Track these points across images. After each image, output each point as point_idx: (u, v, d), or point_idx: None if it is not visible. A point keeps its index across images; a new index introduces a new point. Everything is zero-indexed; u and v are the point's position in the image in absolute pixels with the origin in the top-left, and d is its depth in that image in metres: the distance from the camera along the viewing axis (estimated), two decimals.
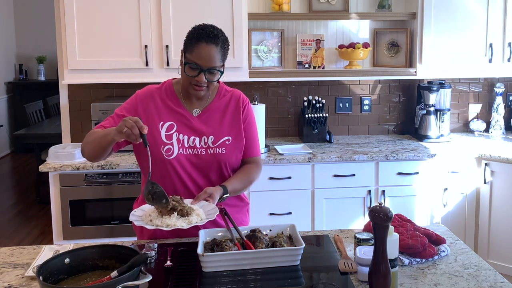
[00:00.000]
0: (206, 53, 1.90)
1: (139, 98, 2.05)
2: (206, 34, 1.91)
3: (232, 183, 2.00)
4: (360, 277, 1.62)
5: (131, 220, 1.79)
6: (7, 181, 6.71)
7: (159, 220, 1.74)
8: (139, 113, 2.00)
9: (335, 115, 3.93)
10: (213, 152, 2.01)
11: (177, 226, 1.72)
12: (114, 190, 3.20)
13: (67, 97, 3.71)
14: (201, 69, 1.91)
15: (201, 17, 3.30)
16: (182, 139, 2.00)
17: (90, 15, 3.28)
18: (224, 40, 1.96)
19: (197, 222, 1.74)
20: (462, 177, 3.41)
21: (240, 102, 2.10)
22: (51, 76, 8.10)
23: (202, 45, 1.90)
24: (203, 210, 1.82)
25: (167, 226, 1.73)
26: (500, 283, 1.61)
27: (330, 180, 3.32)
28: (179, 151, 1.99)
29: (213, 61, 1.91)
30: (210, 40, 1.90)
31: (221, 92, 2.10)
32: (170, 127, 2.01)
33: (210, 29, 1.93)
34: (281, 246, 1.74)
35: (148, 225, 1.74)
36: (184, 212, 1.76)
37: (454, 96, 3.97)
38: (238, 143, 2.06)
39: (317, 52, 3.68)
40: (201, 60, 1.90)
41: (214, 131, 2.03)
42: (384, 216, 1.44)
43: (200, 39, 1.90)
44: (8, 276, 1.69)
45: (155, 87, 2.08)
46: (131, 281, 1.41)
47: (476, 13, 3.54)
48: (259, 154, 2.16)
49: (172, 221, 1.73)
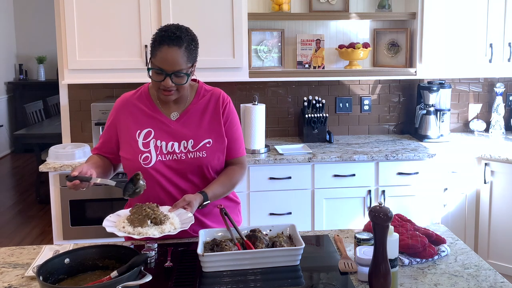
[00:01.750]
0: (169, 56, 1.82)
1: (117, 110, 2.03)
2: (167, 36, 1.83)
3: (213, 189, 1.96)
4: (360, 277, 1.62)
5: (103, 226, 1.76)
6: (7, 181, 6.71)
7: (131, 227, 1.72)
8: (118, 126, 2.00)
9: (335, 115, 3.93)
10: (194, 156, 1.96)
11: (148, 234, 1.70)
12: (114, 190, 3.20)
13: (67, 97, 3.71)
14: (166, 73, 1.84)
15: (201, 17, 3.32)
16: (160, 145, 1.95)
17: (90, 15, 3.28)
18: (190, 40, 1.87)
19: (169, 231, 1.72)
20: (462, 177, 3.41)
21: (220, 102, 2.04)
22: (51, 76, 8.10)
23: (164, 49, 1.82)
24: (179, 218, 1.80)
25: (138, 234, 1.70)
26: (500, 283, 1.61)
27: (330, 180, 3.32)
28: (157, 158, 1.95)
29: (177, 64, 1.84)
30: (172, 42, 1.82)
31: (200, 93, 2.04)
32: (148, 134, 1.96)
33: (172, 31, 1.85)
34: (281, 246, 1.74)
35: (120, 232, 1.71)
36: (157, 220, 1.74)
37: (454, 96, 3.97)
38: (219, 145, 2.01)
39: (317, 52, 3.68)
40: (165, 64, 1.83)
41: (193, 135, 1.98)
42: (384, 216, 1.44)
43: (162, 42, 1.83)
44: (8, 276, 1.69)
45: (130, 94, 2.05)
46: (131, 281, 1.41)
47: (476, 13, 3.54)
48: (244, 154, 2.11)
49: (144, 229, 1.71)
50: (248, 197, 3.28)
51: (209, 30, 3.32)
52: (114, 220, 1.81)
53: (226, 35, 3.34)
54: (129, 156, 1.98)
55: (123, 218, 1.80)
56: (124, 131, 1.99)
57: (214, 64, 3.36)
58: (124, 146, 2.00)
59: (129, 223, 1.74)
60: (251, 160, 3.21)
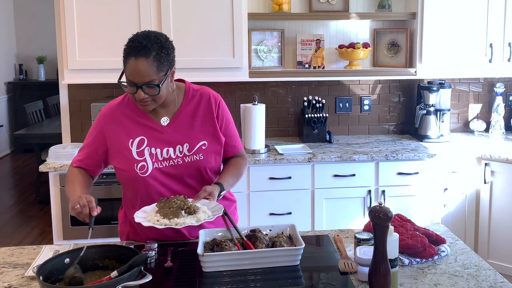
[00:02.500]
0: (137, 68, 1.76)
1: (103, 120, 1.96)
2: (134, 47, 1.77)
3: (226, 179, 1.96)
4: (360, 277, 1.62)
5: (138, 222, 1.73)
6: (7, 181, 6.71)
7: (166, 219, 1.71)
8: (106, 137, 1.94)
9: (335, 115, 3.93)
10: (191, 159, 1.94)
11: (186, 223, 1.69)
12: (114, 190, 3.20)
13: (67, 97, 3.71)
14: (137, 85, 1.78)
15: (201, 17, 3.32)
16: (155, 153, 1.92)
17: (90, 15, 3.28)
18: (159, 48, 1.79)
19: (205, 219, 1.72)
20: (462, 177, 3.41)
21: (212, 101, 2.00)
22: (51, 76, 8.10)
23: (131, 61, 1.77)
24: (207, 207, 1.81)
25: (176, 224, 1.69)
26: (500, 283, 1.61)
27: (330, 180, 3.32)
28: (153, 166, 1.91)
29: (146, 75, 1.76)
30: (138, 53, 1.76)
31: (188, 94, 1.99)
32: (141, 142, 1.92)
33: (139, 40, 1.78)
34: (281, 246, 1.74)
35: (157, 225, 1.69)
36: (191, 210, 1.74)
37: (454, 96, 3.97)
38: (215, 145, 1.99)
39: (317, 52, 3.68)
40: (134, 77, 1.77)
41: (188, 138, 1.94)
42: (384, 216, 1.45)
43: (129, 54, 1.77)
44: (8, 276, 1.69)
45: (116, 103, 1.99)
46: (131, 281, 1.41)
47: (476, 13, 3.54)
48: (242, 147, 2.13)
49: (180, 219, 1.70)
50: (248, 197, 3.28)
51: (209, 30, 3.32)
52: (143, 216, 1.78)
53: (226, 35, 3.34)
54: (124, 166, 1.93)
55: (153, 212, 1.77)
56: (115, 141, 1.94)
57: (214, 64, 3.36)
58: (117, 156, 1.95)
59: (162, 216, 1.73)
60: (251, 160, 3.21)
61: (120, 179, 2.02)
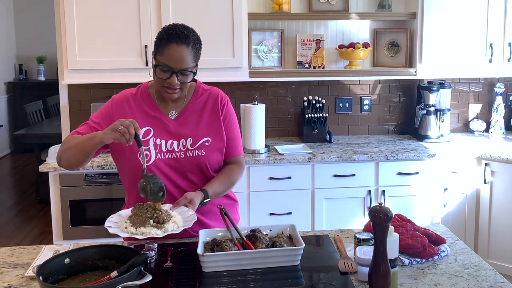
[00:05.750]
0: (177, 54, 1.84)
1: (115, 104, 2.00)
2: (176, 34, 1.84)
3: (213, 187, 1.96)
4: (360, 277, 1.62)
5: (106, 227, 1.73)
6: (7, 181, 6.71)
7: (133, 228, 1.71)
8: (114, 120, 1.92)
9: (335, 115, 3.93)
10: (193, 154, 1.97)
11: (151, 234, 1.69)
12: (114, 190, 3.20)
13: (67, 97, 3.71)
14: (173, 71, 1.85)
15: (201, 17, 3.32)
16: (159, 143, 1.96)
17: (90, 15, 3.28)
18: (196, 39, 1.89)
19: (172, 230, 1.71)
20: (462, 177, 3.41)
21: (219, 101, 2.04)
22: (51, 76, 8.10)
23: (172, 46, 1.84)
24: (181, 216, 1.79)
25: (141, 234, 1.69)
26: (500, 283, 1.61)
27: (330, 180, 3.32)
28: (156, 156, 1.94)
29: (184, 62, 1.85)
30: (180, 40, 1.84)
31: (198, 92, 2.04)
32: (147, 132, 1.96)
33: (180, 29, 1.86)
34: (281, 246, 1.74)
35: (123, 233, 1.70)
36: (160, 220, 1.73)
37: (454, 96, 3.97)
38: (218, 143, 2.02)
39: (317, 52, 3.68)
40: (172, 62, 1.84)
41: (192, 133, 1.98)
42: (384, 216, 1.44)
43: (170, 40, 1.84)
44: (8, 276, 1.69)
45: (130, 91, 2.04)
46: (131, 281, 1.41)
47: (476, 13, 3.54)
48: (241, 153, 2.12)
49: (147, 229, 1.69)
50: (248, 197, 3.28)
51: (209, 30, 3.31)
52: (116, 220, 1.79)
53: (226, 35, 3.34)
54: (127, 153, 1.95)
55: (124, 219, 1.78)
56: None
57: (214, 64, 3.36)
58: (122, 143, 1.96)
59: (131, 224, 1.73)
60: (251, 160, 3.21)
61: (122, 173, 2.03)
